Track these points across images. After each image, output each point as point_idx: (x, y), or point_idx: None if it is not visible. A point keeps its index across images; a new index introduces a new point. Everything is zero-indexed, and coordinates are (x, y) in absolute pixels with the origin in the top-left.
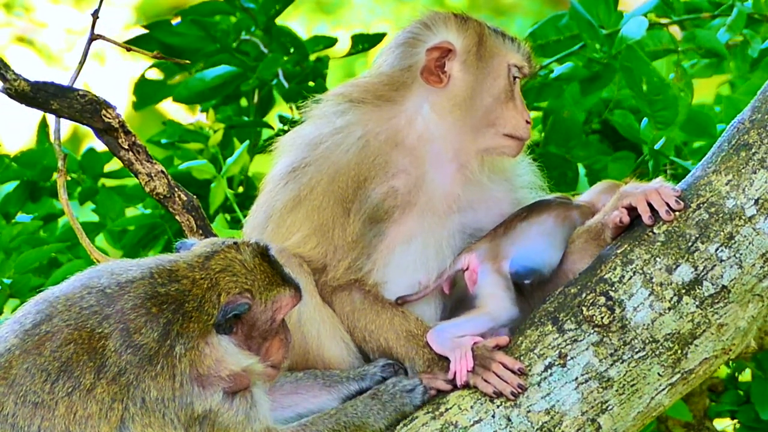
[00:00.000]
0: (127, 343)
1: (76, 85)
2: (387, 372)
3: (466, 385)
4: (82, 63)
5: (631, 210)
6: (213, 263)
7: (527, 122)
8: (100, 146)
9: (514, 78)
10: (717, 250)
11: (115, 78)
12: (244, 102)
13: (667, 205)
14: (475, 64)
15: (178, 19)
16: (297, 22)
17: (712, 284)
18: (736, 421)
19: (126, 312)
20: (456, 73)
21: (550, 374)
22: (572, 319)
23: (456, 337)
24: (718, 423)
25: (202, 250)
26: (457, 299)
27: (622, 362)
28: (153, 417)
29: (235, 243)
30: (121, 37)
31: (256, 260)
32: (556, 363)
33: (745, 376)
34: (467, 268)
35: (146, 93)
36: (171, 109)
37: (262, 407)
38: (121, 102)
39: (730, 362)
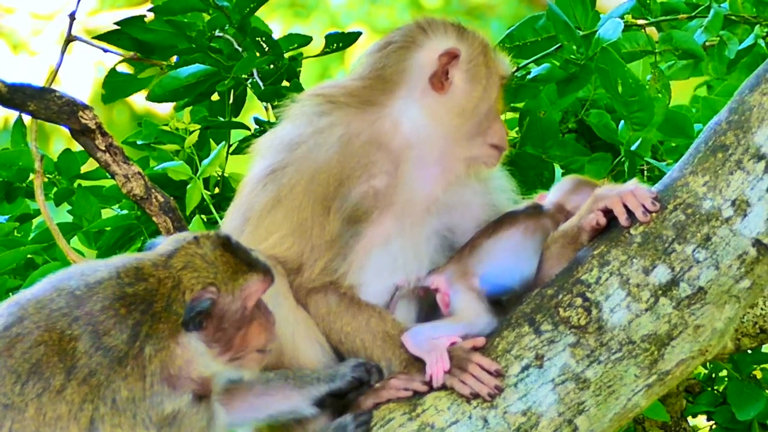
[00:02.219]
0: (96, 345)
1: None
2: (358, 372)
3: (443, 387)
4: (60, 62)
5: (607, 212)
6: (174, 261)
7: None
8: (76, 146)
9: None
10: (694, 251)
11: (79, 65)
12: (215, 97)
13: (643, 206)
14: (477, 73)
15: (151, 15)
16: (272, 23)
17: (689, 285)
18: (712, 422)
19: (95, 314)
20: (457, 81)
21: (527, 375)
22: (549, 320)
23: (432, 339)
24: (695, 423)
25: (164, 248)
26: (433, 301)
27: (598, 363)
28: (123, 417)
29: (195, 237)
30: (86, 24)
31: (216, 252)
32: (533, 364)
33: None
34: (437, 290)
35: (116, 86)
36: (139, 101)
37: (220, 419)
38: (86, 91)
39: (708, 363)
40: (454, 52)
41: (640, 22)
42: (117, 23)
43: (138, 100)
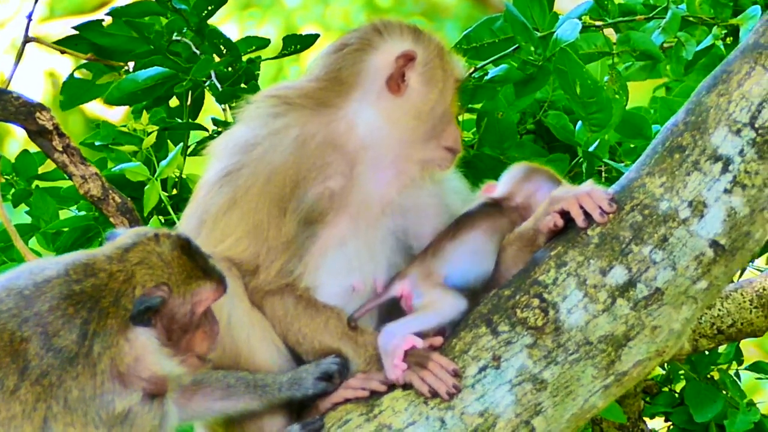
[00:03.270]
0: (47, 347)
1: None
2: (320, 384)
3: (402, 386)
4: (16, 65)
5: (564, 214)
6: (131, 255)
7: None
8: (33, 147)
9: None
10: (651, 252)
11: (29, 70)
12: (174, 102)
13: (600, 207)
14: (433, 76)
15: (107, 19)
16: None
17: (646, 286)
18: (670, 423)
19: (43, 315)
20: (413, 84)
21: (484, 376)
22: (506, 321)
23: (400, 336)
24: (653, 425)
25: (122, 241)
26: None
27: (556, 364)
28: (75, 416)
29: (156, 234)
30: (37, 31)
31: (174, 253)
32: (490, 365)
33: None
34: (401, 296)
35: (74, 93)
36: (93, 106)
37: (172, 418)
38: (38, 95)
39: (665, 364)
40: (410, 55)
41: (598, 23)
42: (75, 27)
43: (90, 106)
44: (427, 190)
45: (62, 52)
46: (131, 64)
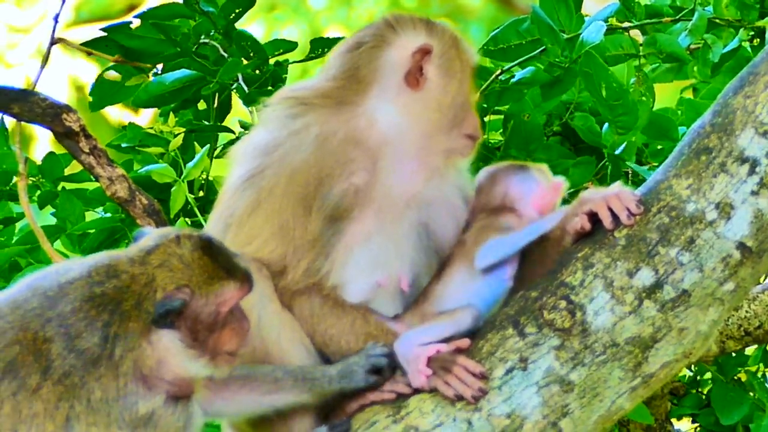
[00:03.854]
0: (69, 348)
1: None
2: (371, 379)
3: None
4: (42, 67)
5: (592, 216)
6: (152, 258)
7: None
8: (57, 149)
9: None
10: (678, 253)
11: (54, 75)
12: (202, 105)
13: (628, 209)
14: (450, 67)
15: (136, 21)
16: (252, 27)
17: (673, 288)
18: (697, 425)
19: (65, 316)
20: (432, 76)
21: (511, 378)
22: (533, 322)
23: (419, 346)
24: (680, 426)
25: (145, 243)
26: (416, 298)
27: (583, 366)
28: (98, 416)
29: (177, 236)
30: (62, 36)
31: (195, 254)
32: (517, 367)
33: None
34: None
35: (104, 94)
36: (117, 112)
37: (197, 420)
38: (62, 100)
39: (692, 366)
40: (427, 48)
41: (625, 25)
42: (103, 30)
43: (113, 112)
44: (450, 182)
45: (89, 54)
46: (159, 67)
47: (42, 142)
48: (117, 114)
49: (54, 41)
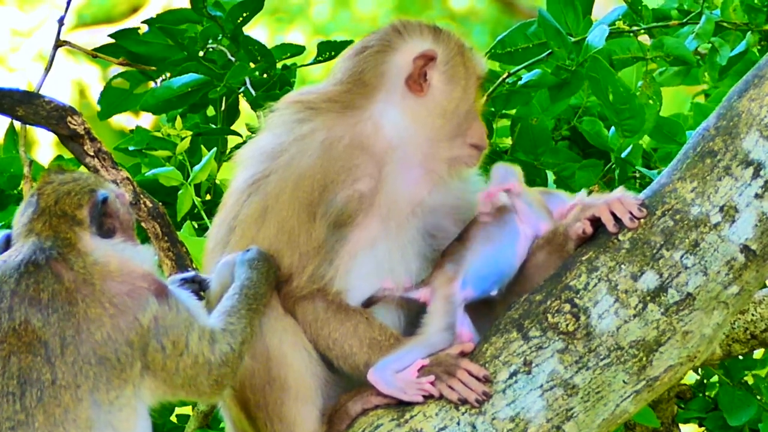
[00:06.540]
0: (42, 309)
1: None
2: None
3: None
4: (47, 71)
5: (594, 221)
6: (43, 206)
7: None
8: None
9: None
10: (682, 257)
11: (56, 79)
12: (210, 111)
13: (630, 213)
14: (455, 74)
15: (143, 26)
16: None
17: (677, 291)
18: (704, 428)
19: (17, 291)
20: (435, 83)
21: (515, 381)
22: (537, 326)
23: (397, 372)
24: (686, 430)
25: (24, 218)
26: (418, 309)
27: (587, 369)
28: (106, 365)
29: (42, 183)
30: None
31: (68, 172)
32: (521, 370)
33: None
34: (424, 301)
35: (112, 102)
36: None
37: (192, 301)
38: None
39: (699, 369)
40: (430, 54)
41: (632, 28)
42: (111, 35)
43: (117, 116)
44: (455, 190)
45: (94, 57)
46: (169, 74)
47: (44, 146)
48: (119, 118)
49: (59, 44)
